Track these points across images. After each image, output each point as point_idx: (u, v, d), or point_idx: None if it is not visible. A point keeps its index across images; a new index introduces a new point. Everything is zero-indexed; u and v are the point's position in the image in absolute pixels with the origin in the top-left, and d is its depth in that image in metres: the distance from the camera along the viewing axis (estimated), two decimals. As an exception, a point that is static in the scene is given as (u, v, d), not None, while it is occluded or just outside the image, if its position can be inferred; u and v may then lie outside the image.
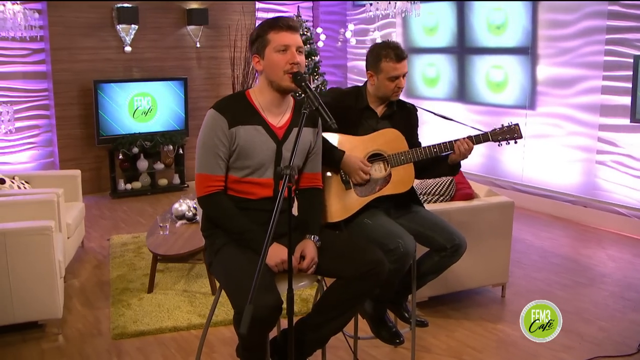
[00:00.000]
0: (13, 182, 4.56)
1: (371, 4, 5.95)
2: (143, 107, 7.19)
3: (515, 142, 2.87)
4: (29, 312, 3.45)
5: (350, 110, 2.88)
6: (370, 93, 2.92)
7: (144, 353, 3.33)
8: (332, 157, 2.73)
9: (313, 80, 8.07)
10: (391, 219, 2.87)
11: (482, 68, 6.96)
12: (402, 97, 3.00)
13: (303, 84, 2.19)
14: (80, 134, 7.04)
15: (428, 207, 3.86)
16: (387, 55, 2.80)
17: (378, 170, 2.83)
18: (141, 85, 7.18)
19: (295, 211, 2.53)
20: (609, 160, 5.69)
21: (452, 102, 7.41)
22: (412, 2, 5.82)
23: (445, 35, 7.44)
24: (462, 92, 7.28)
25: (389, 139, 2.84)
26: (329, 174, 2.81)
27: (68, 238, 4.41)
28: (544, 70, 6.25)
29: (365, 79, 2.97)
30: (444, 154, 2.83)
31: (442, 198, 4.00)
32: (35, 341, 3.46)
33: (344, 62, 9.26)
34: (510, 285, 4.18)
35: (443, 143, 2.82)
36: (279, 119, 2.38)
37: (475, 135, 2.84)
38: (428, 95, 7.80)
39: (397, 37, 8.08)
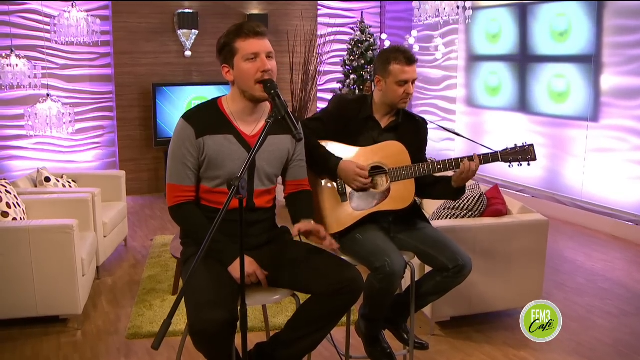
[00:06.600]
0: (58, 181, 4.77)
1: (419, 9, 5.79)
2: (200, 110, 7.34)
3: (529, 164, 2.67)
4: (50, 306, 3.59)
5: (352, 119, 2.78)
6: (377, 102, 2.82)
7: (151, 354, 3.37)
8: (328, 164, 2.66)
9: (374, 87, 7.94)
10: (391, 235, 2.75)
11: (544, 77, 6.59)
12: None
13: (272, 92, 2.12)
14: (139, 135, 7.31)
15: (454, 222, 3.69)
16: (396, 58, 2.69)
17: (378, 184, 2.71)
18: (199, 89, 7.35)
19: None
20: (677, 179, 5.23)
21: (513, 112, 7.08)
22: (463, 6, 5.60)
23: (507, 43, 7.12)
24: (524, 102, 6.93)
25: (391, 152, 2.71)
26: (325, 184, 2.72)
27: (105, 237, 4.56)
28: (608, 80, 5.83)
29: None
30: (448, 171, 2.68)
31: (470, 214, 3.80)
32: (56, 335, 3.59)
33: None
34: (544, 310, 3.91)
35: (448, 160, 2.66)
36: (253, 127, 2.32)
37: (483, 154, 2.66)
38: (489, 104, 7.50)
39: (459, 43, 7.82)
